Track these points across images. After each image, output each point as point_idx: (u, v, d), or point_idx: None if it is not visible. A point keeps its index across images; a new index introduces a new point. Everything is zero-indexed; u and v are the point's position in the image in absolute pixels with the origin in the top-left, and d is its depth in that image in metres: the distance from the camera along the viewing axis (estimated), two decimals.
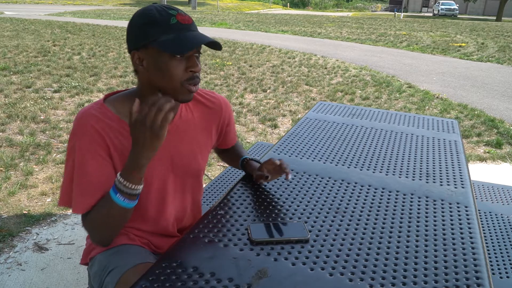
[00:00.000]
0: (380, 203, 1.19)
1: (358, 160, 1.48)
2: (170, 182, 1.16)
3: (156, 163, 1.11)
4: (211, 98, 1.24)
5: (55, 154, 3.44)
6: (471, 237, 1.04)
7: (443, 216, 1.14)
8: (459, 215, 1.15)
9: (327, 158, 1.49)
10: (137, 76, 1.07)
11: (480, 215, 1.90)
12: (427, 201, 1.22)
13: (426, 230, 1.06)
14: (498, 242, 1.70)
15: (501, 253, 1.63)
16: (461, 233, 1.06)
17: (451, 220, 1.12)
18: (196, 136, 1.19)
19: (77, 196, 1.03)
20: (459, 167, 1.47)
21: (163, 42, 0.97)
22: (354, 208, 1.15)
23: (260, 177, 1.23)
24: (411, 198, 1.23)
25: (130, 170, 0.96)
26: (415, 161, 1.50)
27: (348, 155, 1.52)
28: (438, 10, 37.68)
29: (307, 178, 1.32)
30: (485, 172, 3.56)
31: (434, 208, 1.18)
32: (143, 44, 0.99)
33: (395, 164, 1.46)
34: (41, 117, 4.32)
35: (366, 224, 1.08)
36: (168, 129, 1.10)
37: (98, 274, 1.12)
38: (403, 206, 1.18)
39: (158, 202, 1.16)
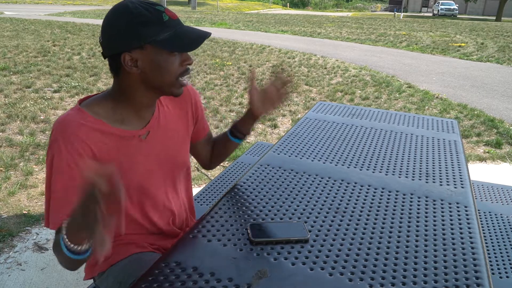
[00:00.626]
0: (380, 203, 1.19)
1: (358, 160, 1.48)
2: (160, 180, 1.15)
3: (145, 163, 1.10)
4: None
5: None
6: (470, 237, 1.04)
7: (442, 216, 1.14)
8: (459, 215, 1.15)
9: (327, 158, 1.49)
10: (119, 78, 1.02)
11: (479, 215, 1.90)
12: (426, 201, 1.22)
13: (426, 230, 1.06)
14: (498, 242, 1.70)
15: (500, 253, 1.63)
16: (461, 233, 1.06)
17: (451, 220, 1.12)
18: (177, 128, 1.19)
19: (52, 211, 0.97)
20: (459, 167, 1.47)
21: (163, 40, 0.97)
22: (354, 208, 1.16)
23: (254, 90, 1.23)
24: (411, 198, 1.23)
25: (73, 232, 0.81)
26: (414, 161, 1.50)
27: (348, 155, 1.52)
28: (438, 10, 37.68)
29: (307, 178, 1.32)
30: (485, 172, 3.56)
31: (434, 208, 1.18)
32: (138, 44, 0.96)
33: (395, 164, 1.46)
34: (41, 117, 4.32)
35: (366, 224, 1.08)
36: (151, 125, 1.10)
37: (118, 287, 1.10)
38: (402, 206, 1.18)
39: (148, 202, 1.14)
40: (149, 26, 0.95)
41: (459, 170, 1.45)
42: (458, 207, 1.19)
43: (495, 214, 1.92)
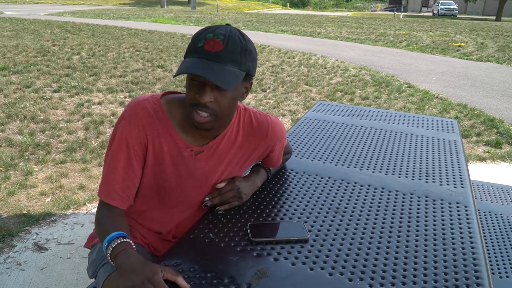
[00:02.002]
0: (379, 203, 1.19)
1: (358, 160, 1.48)
2: (194, 196, 1.15)
3: (187, 177, 1.11)
4: (260, 123, 1.18)
5: (54, 154, 3.44)
6: (470, 237, 1.04)
7: (442, 216, 1.14)
8: (459, 215, 1.15)
9: (327, 158, 1.49)
10: None
11: (479, 215, 1.90)
12: (426, 201, 1.22)
13: (426, 230, 1.06)
14: (498, 242, 1.70)
15: (500, 252, 1.63)
16: (461, 233, 1.06)
17: (451, 220, 1.12)
18: (234, 159, 1.16)
19: (103, 182, 1.06)
20: (459, 167, 1.47)
21: (182, 62, 0.98)
22: (354, 208, 1.16)
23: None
24: (411, 198, 1.23)
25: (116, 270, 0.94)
26: (414, 160, 1.50)
27: (347, 155, 1.52)
28: (438, 10, 37.70)
29: (307, 178, 1.32)
30: (485, 172, 3.56)
31: (434, 208, 1.18)
32: None
33: (395, 164, 1.46)
34: (41, 117, 4.32)
35: (366, 224, 1.08)
36: (208, 146, 1.10)
37: (95, 263, 1.15)
38: (402, 206, 1.18)
39: (173, 211, 1.16)
40: (189, 46, 0.98)
41: (459, 170, 1.45)
42: (458, 207, 1.19)
43: (495, 214, 1.92)
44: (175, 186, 1.11)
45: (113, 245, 0.94)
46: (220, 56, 0.93)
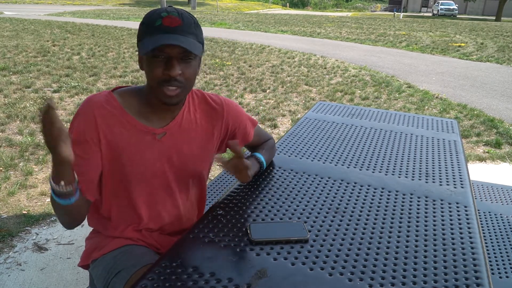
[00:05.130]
0: (379, 203, 1.19)
1: (358, 160, 1.48)
2: (167, 181, 1.16)
3: (155, 161, 1.12)
4: (214, 101, 1.23)
5: None
6: (470, 237, 1.04)
7: (442, 216, 1.14)
8: (459, 215, 1.15)
9: (327, 158, 1.49)
10: None
11: (479, 215, 1.91)
12: (426, 201, 1.22)
13: (426, 230, 1.06)
14: (498, 242, 1.70)
15: (500, 252, 1.63)
16: (461, 233, 1.06)
17: (451, 220, 1.12)
18: (198, 137, 1.19)
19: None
20: (459, 167, 1.47)
21: (142, 43, 1.00)
22: (354, 208, 1.16)
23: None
24: (411, 198, 1.23)
25: (52, 172, 0.95)
26: (414, 161, 1.50)
27: (347, 155, 1.52)
28: (438, 10, 37.71)
29: (307, 178, 1.32)
30: (485, 172, 3.57)
31: (434, 208, 1.18)
32: (137, 43, 1.04)
33: (395, 164, 1.46)
34: (41, 117, 4.31)
35: (366, 224, 1.08)
36: (169, 127, 1.12)
37: (103, 276, 1.12)
38: (402, 206, 1.18)
39: (153, 199, 1.16)
40: (143, 27, 1.01)
41: (459, 170, 1.45)
42: (458, 207, 1.19)
43: (495, 214, 1.92)
44: (147, 174, 1.12)
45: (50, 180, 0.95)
46: (182, 30, 0.99)
